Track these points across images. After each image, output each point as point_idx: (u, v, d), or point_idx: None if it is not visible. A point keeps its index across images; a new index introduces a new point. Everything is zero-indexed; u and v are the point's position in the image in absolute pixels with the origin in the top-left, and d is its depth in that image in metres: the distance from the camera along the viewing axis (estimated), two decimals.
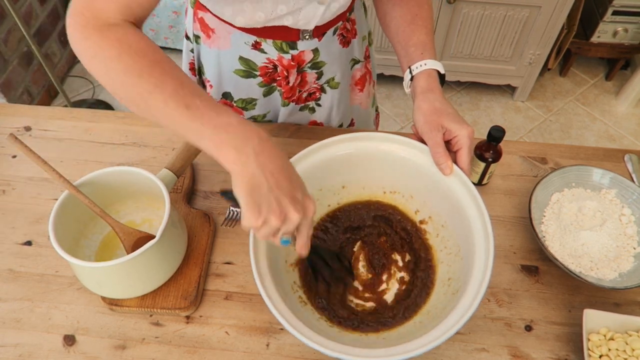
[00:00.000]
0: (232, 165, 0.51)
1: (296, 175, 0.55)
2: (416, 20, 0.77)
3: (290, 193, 0.52)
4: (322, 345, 0.55)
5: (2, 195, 0.86)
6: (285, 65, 0.83)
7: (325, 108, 0.94)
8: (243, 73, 0.86)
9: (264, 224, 0.51)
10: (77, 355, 0.69)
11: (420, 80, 0.72)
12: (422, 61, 0.73)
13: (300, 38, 0.80)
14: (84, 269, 0.65)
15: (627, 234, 0.75)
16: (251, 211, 0.50)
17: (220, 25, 0.80)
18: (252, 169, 0.50)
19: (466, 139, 0.66)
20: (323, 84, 0.90)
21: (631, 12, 1.99)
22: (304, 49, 0.82)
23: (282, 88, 0.87)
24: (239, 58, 0.83)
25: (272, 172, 0.51)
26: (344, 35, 0.85)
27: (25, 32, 1.68)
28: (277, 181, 0.51)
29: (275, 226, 0.51)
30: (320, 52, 0.83)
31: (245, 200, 0.50)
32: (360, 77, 0.96)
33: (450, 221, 0.71)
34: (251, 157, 0.51)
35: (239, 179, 0.51)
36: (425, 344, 0.55)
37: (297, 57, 0.83)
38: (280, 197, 0.51)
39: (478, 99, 2.27)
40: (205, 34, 0.83)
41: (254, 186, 0.50)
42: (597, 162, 0.90)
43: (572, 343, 0.70)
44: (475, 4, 1.87)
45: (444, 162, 0.67)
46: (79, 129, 0.96)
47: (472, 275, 0.60)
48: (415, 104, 0.71)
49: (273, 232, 0.53)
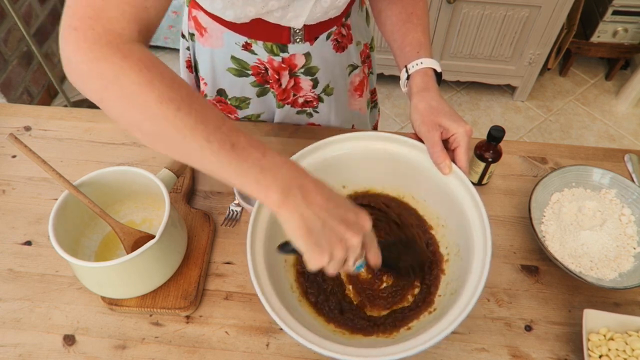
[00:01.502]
0: (279, 209, 0.49)
1: (340, 196, 0.52)
2: (412, 19, 0.77)
3: (343, 219, 0.50)
4: (319, 346, 0.55)
5: (2, 195, 0.86)
6: (275, 67, 0.83)
7: (323, 114, 0.94)
8: (236, 72, 0.85)
9: (329, 259, 0.50)
10: (77, 355, 0.69)
11: (416, 79, 0.72)
12: (417, 60, 0.72)
13: (292, 41, 0.79)
14: (84, 269, 0.65)
15: (627, 234, 0.75)
16: (314, 252, 0.49)
17: (212, 24, 0.80)
18: (301, 210, 0.48)
19: (464, 136, 0.66)
20: (320, 93, 0.90)
21: (631, 12, 1.99)
22: (295, 52, 0.81)
23: (275, 90, 0.87)
24: (231, 57, 0.83)
25: (321, 206, 0.49)
26: (338, 40, 0.85)
27: (25, 32, 1.68)
28: (328, 212, 0.49)
29: (342, 257, 0.50)
30: (312, 57, 0.83)
31: (305, 245, 0.49)
32: (359, 82, 0.95)
33: (450, 221, 0.71)
34: (298, 197, 0.49)
35: (291, 224, 0.49)
36: (422, 343, 0.55)
37: (288, 60, 0.82)
38: (335, 228, 0.49)
39: (478, 99, 2.27)
40: (199, 32, 0.83)
41: (308, 227, 0.48)
42: (597, 162, 0.90)
43: (572, 343, 0.70)
44: (475, 4, 1.87)
45: (442, 162, 0.67)
46: (79, 129, 0.96)
47: (470, 276, 0.60)
48: (412, 103, 0.71)
49: (342, 262, 0.51)
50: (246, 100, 0.91)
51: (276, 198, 0.48)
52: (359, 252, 0.51)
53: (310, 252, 0.49)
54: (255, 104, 0.91)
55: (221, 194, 0.86)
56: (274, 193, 0.48)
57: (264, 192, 0.49)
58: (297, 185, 0.49)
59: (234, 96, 0.90)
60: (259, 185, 0.49)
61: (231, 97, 0.91)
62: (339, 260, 0.50)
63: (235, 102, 0.91)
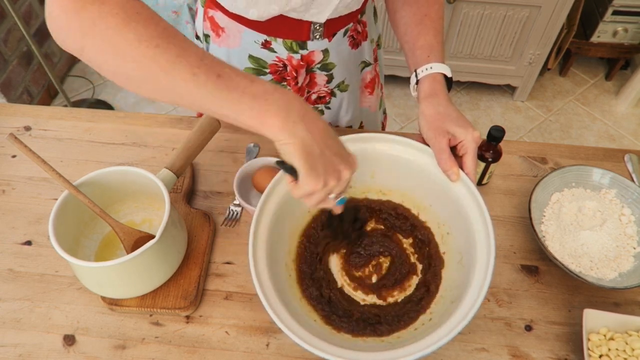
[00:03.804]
0: (279, 134, 0.49)
1: (334, 133, 0.54)
2: (425, 21, 0.75)
3: (338, 152, 0.53)
4: (319, 349, 0.55)
5: (2, 195, 0.86)
6: (294, 65, 0.83)
7: (334, 110, 0.94)
8: (253, 71, 0.85)
9: (323, 185, 0.52)
10: (77, 355, 0.69)
11: (425, 84, 0.71)
12: (427, 64, 0.71)
13: (311, 38, 0.79)
14: (84, 269, 0.65)
15: (627, 234, 0.75)
16: (311, 175, 0.50)
17: (230, 24, 0.80)
18: (301, 135, 0.49)
19: (471, 143, 0.65)
20: (334, 88, 0.90)
21: (631, 12, 1.99)
22: (314, 49, 0.81)
23: (291, 88, 0.87)
24: (248, 57, 0.83)
25: (320, 135, 0.51)
26: (354, 37, 0.85)
27: (25, 32, 1.68)
28: (325, 142, 0.51)
29: (332, 185, 0.52)
30: (330, 53, 0.83)
31: (304, 166, 0.50)
32: (370, 80, 0.96)
33: (455, 228, 0.70)
34: (298, 123, 0.49)
35: (291, 147, 0.49)
36: (422, 348, 0.54)
37: (307, 57, 0.82)
38: (331, 157, 0.52)
39: (478, 99, 2.27)
40: (215, 32, 0.83)
41: (308, 151, 0.49)
42: (597, 162, 0.90)
43: (572, 343, 0.70)
44: (475, 4, 1.87)
45: (450, 169, 0.66)
46: (79, 129, 0.96)
47: (472, 284, 0.60)
48: (420, 109, 0.70)
49: (328, 193, 0.53)
50: None
51: (276, 122, 0.48)
52: (344, 186, 0.54)
53: (307, 173, 0.50)
54: None
55: (221, 194, 0.86)
56: (272, 117, 0.48)
57: (260, 117, 0.48)
58: (296, 109, 0.49)
59: None
60: (254, 112, 0.48)
61: None
62: (328, 189, 0.52)
63: None
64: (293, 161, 0.50)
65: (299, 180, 0.52)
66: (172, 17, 2.22)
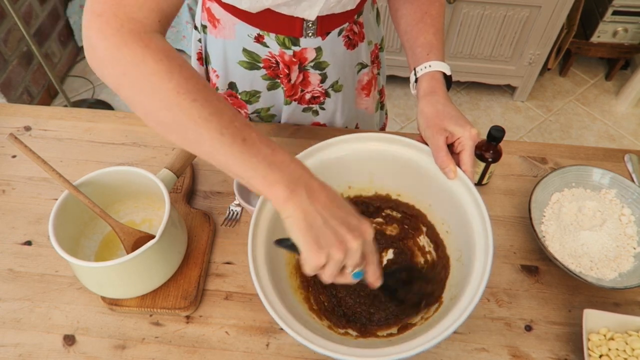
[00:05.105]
0: (283, 205, 0.49)
1: (343, 200, 0.53)
2: (425, 19, 0.75)
3: (345, 221, 0.50)
4: (319, 346, 0.55)
5: (2, 195, 0.86)
6: (286, 61, 0.83)
7: (329, 111, 0.94)
8: (247, 65, 0.85)
9: (327, 260, 0.49)
10: (77, 355, 0.69)
11: (424, 82, 0.71)
12: (426, 63, 0.71)
13: (304, 35, 0.79)
14: (84, 269, 0.65)
15: (627, 234, 0.75)
16: (311, 249, 0.49)
17: (225, 16, 0.80)
18: (305, 206, 0.49)
19: (468, 140, 0.65)
20: (327, 88, 0.90)
21: (631, 12, 1.99)
22: (307, 46, 0.81)
23: (284, 86, 0.87)
24: (242, 50, 0.83)
25: (324, 205, 0.50)
26: (350, 37, 0.85)
27: (25, 32, 1.68)
28: (330, 212, 0.50)
29: (339, 259, 0.49)
30: (323, 52, 0.83)
31: (304, 239, 0.49)
32: (367, 82, 0.95)
33: (454, 226, 0.70)
34: (303, 194, 0.49)
35: (293, 218, 0.49)
36: (421, 344, 0.54)
37: (299, 54, 0.82)
38: (336, 228, 0.49)
39: (478, 99, 2.27)
40: (211, 24, 0.84)
41: (309, 223, 0.49)
42: (597, 162, 0.90)
43: (572, 343, 0.70)
44: (475, 4, 1.87)
45: (447, 166, 0.66)
46: (79, 129, 0.96)
47: (470, 281, 0.60)
48: (418, 107, 0.70)
49: (339, 266, 0.50)
50: (256, 94, 0.91)
51: (282, 194, 0.49)
52: (357, 258, 0.51)
53: (308, 248, 0.49)
54: (266, 97, 0.92)
55: (221, 194, 0.86)
56: (280, 189, 0.49)
57: (270, 187, 0.50)
58: (304, 183, 0.50)
59: (245, 90, 0.90)
60: (266, 181, 0.50)
61: (242, 92, 0.91)
62: (336, 263, 0.50)
63: (245, 96, 0.91)
64: (292, 235, 0.50)
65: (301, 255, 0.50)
66: None
